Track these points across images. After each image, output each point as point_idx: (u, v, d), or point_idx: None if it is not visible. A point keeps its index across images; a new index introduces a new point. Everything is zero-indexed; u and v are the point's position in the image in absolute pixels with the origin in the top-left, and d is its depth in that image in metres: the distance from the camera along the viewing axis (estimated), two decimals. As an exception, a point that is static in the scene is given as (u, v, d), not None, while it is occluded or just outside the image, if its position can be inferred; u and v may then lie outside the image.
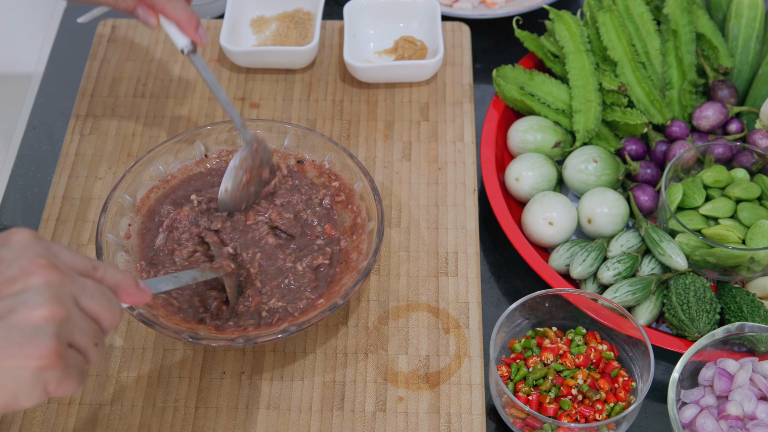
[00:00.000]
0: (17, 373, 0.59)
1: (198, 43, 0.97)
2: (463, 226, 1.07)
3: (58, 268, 0.62)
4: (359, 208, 1.00)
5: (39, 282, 0.61)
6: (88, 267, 0.66)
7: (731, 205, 1.01)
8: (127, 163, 1.13)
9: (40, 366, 0.59)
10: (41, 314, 0.59)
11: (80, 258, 0.66)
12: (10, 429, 0.91)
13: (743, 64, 1.17)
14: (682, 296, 0.97)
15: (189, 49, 0.97)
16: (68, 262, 0.65)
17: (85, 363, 0.63)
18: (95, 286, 0.65)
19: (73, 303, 0.62)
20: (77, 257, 0.66)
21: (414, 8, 1.25)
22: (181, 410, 0.93)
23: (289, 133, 1.05)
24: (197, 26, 0.97)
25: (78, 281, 0.63)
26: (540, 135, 1.13)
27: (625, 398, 0.91)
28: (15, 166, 1.17)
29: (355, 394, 0.94)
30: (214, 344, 0.87)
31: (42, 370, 0.59)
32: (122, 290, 0.68)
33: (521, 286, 1.07)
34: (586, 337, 0.96)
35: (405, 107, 1.19)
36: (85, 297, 0.63)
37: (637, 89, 1.14)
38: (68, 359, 0.60)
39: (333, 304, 0.90)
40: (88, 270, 0.66)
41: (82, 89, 1.21)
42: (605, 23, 1.16)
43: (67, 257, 0.65)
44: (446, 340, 0.98)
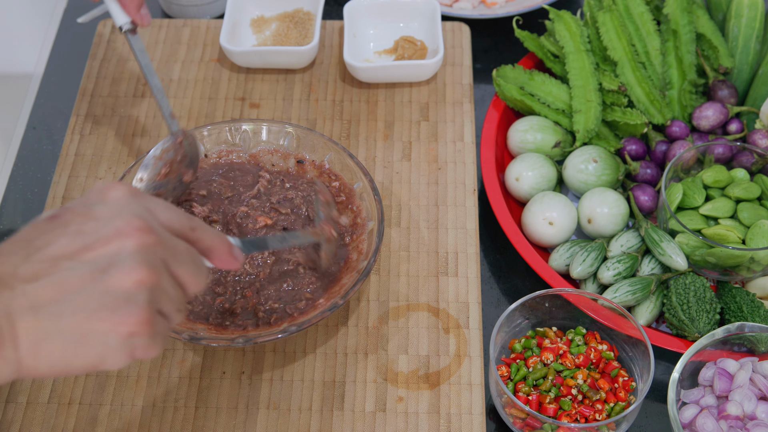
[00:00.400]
0: (107, 337, 0.58)
1: (139, 23, 0.96)
2: (463, 226, 1.07)
3: (153, 231, 0.61)
4: (359, 208, 1.00)
5: (133, 245, 0.60)
6: (185, 227, 0.65)
7: (731, 205, 1.01)
8: (127, 163, 1.13)
9: (130, 332, 0.59)
10: (134, 279, 0.59)
11: (178, 217, 0.64)
12: (10, 429, 0.91)
13: (743, 64, 1.17)
14: (682, 296, 0.97)
15: (128, 28, 0.95)
16: (165, 222, 0.63)
17: (169, 328, 0.62)
18: (187, 250, 0.63)
19: (164, 269, 0.61)
20: (175, 216, 0.64)
21: (414, 8, 1.25)
22: (181, 410, 0.93)
23: (289, 133, 1.05)
24: (140, 5, 0.95)
25: (171, 245, 0.62)
26: (540, 135, 1.13)
27: (625, 398, 0.91)
28: (15, 166, 1.17)
29: (355, 394, 0.94)
30: (214, 344, 0.87)
31: (132, 336, 0.59)
32: (216, 254, 0.67)
33: (521, 286, 1.07)
34: (586, 337, 0.96)
35: (405, 107, 1.19)
36: (176, 262, 0.62)
37: (637, 89, 1.14)
38: (156, 325, 0.60)
39: (333, 304, 0.90)
40: (185, 230, 0.65)
41: (82, 89, 1.21)
42: (605, 23, 1.16)
43: (165, 216, 0.64)
44: (446, 340, 0.98)
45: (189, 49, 1.25)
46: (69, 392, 0.94)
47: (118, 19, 0.95)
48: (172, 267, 0.62)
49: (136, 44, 0.95)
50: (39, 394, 0.94)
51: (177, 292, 0.63)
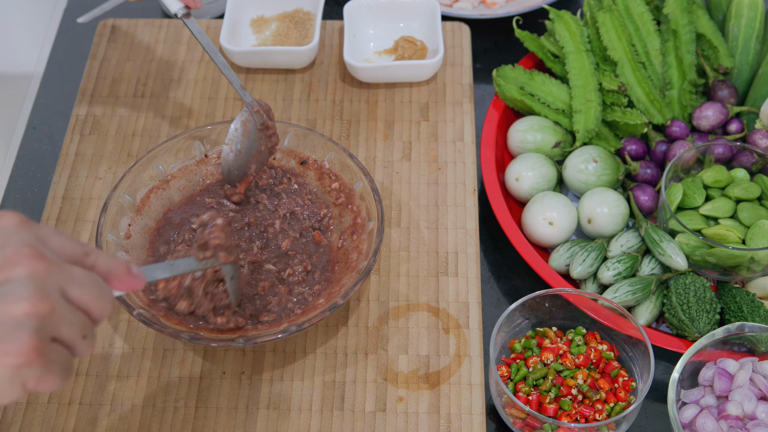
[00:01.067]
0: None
1: (192, 6, 0.97)
2: (463, 226, 1.07)
3: (44, 258, 0.59)
4: (359, 208, 1.00)
5: (22, 273, 0.58)
6: (78, 253, 0.63)
7: (731, 205, 1.02)
8: (127, 163, 1.13)
9: (18, 363, 0.56)
10: (22, 309, 0.57)
11: (70, 243, 0.63)
12: (10, 429, 0.91)
13: (743, 64, 1.17)
14: (682, 296, 0.97)
15: (183, 13, 0.96)
16: (57, 249, 0.62)
17: (70, 357, 0.60)
18: (85, 274, 0.61)
19: (59, 295, 0.59)
20: (67, 242, 0.63)
21: (414, 8, 1.25)
22: (181, 410, 0.93)
23: (290, 133, 1.05)
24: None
25: (66, 270, 0.60)
26: (540, 135, 1.13)
27: (625, 398, 0.91)
28: (15, 166, 1.17)
29: (355, 394, 0.94)
30: (214, 344, 0.87)
31: (20, 367, 0.57)
32: (114, 277, 0.65)
33: (521, 286, 1.07)
34: (586, 337, 0.96)
35: (405, 107, 1.19)
36: (73, 287, 0.60)
37: (637, 89, 1.14)
38: (49, 355, 0.58)
39: (333, 304, 0.90)
40: (78, 256, 0.63)
41: (82, 89, 1.21)
42: (605, 23, 1.16)
43: (57, 243, 0.62)
44: (446, 340, 0.98)
45: (189, 49, 1.25)
46: (69, 392, 0.94)
47: (172, 6, 0.97)
48: (69, 292, 0.60)
49: (194, 27, 0.97)
50: (39, 394, 0.94)
51: (78, 318, 0.60)
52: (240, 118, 0.99)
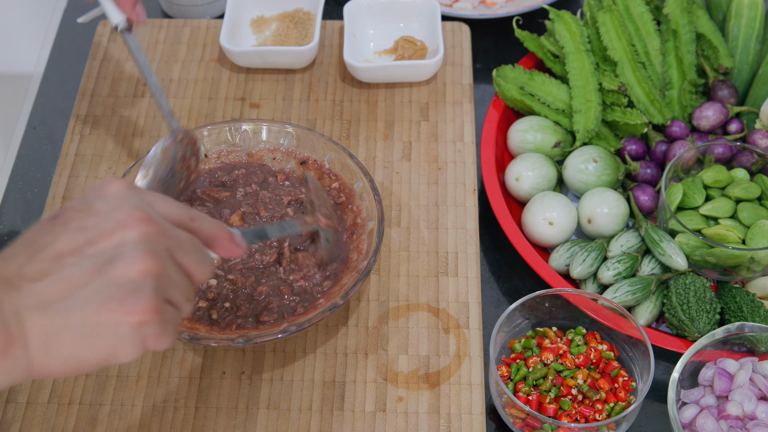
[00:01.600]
0: (118, 328, 0.58)
1: (134, 20, 0.95)
2: (463, 226, 1.07)
3: (154, 221, 0.61)
4: (359, 208, 1.00)
5: (135, 235, 0.60)
6: (184, 217, 0.65)
7: (731, 205, 1.01)
8: (127, 163, 1.13)
9: (140, 321, 0.59)
10: (139, 269, 0.59)
11: (177, 208, 0.65)
12: (10, 429, 0.91)
13: (743, 64, 1.17)
14: (682, 296, 0.97)
15: (123, 26, 0.94)
16: (164, 213, 0.64)
17: (179, 317, 0.63)
18: (190, 239, 0.64)
19: (168, 257, 0.61)
20: (173, 207, 0.65)
21: (414, 8, 1.25)
22: (181, 410, 0.93)
23: (289, 133, 1.05)
24: (134, 2, 0.95)
25: (173, 234, 0.63)
26: (540, 135, 1.13)
27: (625, 398, 0.91)
28: (15, 166, 1.17)
29: (355, 394, 0.94)
30: (214, 344, 0.87)
31: (142, 325, 0.59)
32: (217, 243, 0.67)
33: (521, 286, 1.07)
34: (586, 337, 0.96)
35: (405, 107, 1.19)
36: (179, 251, 0.62)
37: (637, 89, 1.14)
38: (165, 314, 0.60)
39: (333, 304, 0.90)
40: (184, 221, 0.65)
41: (82, 89, 1.21)
42: (605, 23, 1.16)
43: (164, 208, 0.64)
44: (446, 340, 0.98)
45: (189, 49, 1.25)
46: (69, 392, 0.94)
47: (113, 18, 0.94)
48: (176, 256, 0.62)
49: (132, 42, 0.95)
50: (39, 394, 0.94)
51: (184, 281, 0.63)
52: (161, 144, 0.95)
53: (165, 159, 0.95)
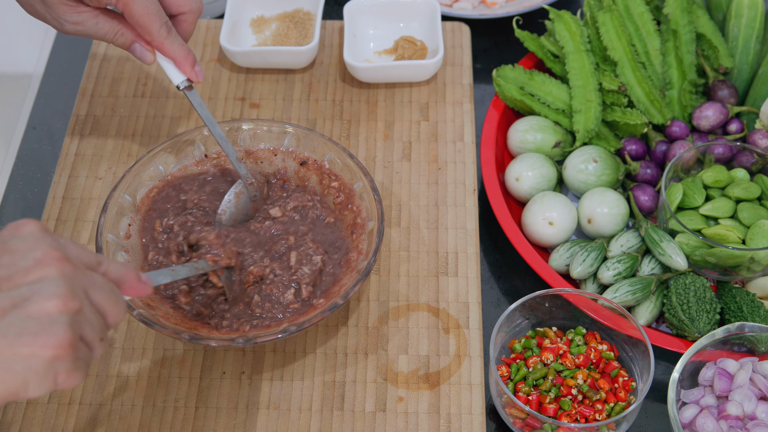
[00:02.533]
0: (31, 361, 0.59)
1: (194, 80, 0.98)
2: (463, 226, 1.07)
3: (70, 261, 0.63)
4: (359, 208, 1.00)
5: (53, 273, 0.61)
6: (93, 261, 0.67)
7: (731, 205, 1.01)
8: (127, 163, 1.13)
9: (54, 355, 0.59)
10: (56, 305, 0.60)
11: (86, 252, 0.66)
12: (10, 429, 0.91)
13: (743, 64, 1.17)
14: (682, 296, 0.97)
15: (185, 86, 0.97)
16: (75, 256, 0.65)
17: (90, 357, 0.64)
18: (103, 280, 0.65)
19: (84, 296, 0.63)
20: (83, 251, 0.66)
21: (414, 8, 1.25)
22: (181, 410, 0.93)
23: (289, 133, 1.05)
24: (194, 63, 0.97)
25: (87, 274, 0.64)
26: (540, 135, 1.13)
27: (625, 398, 0.91)
28: (15, 166, 1.17)
29: (355, 394, 0.94)
30: (214, 344, 0.87)
31: (55, 360, 0.60)
32: (125, 283, 0.69)
33: (521, 286, 1.07)
34: (586, 337, 0.96)
35: (405, 107, 1.19)
36: (94, 290, 0.64)
37: (637, 89, 1.14)
38: (79, 351, 0.61)
39: (333, 304, 0.90)
40: (93, 264, 0.67)
41: (82, 89, 1.21)
42: (605, 23, 1.16)
43: (74, 251, 0.65)
44: (446, 340, 0.98)
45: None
46: (69, 392, 0.94)
47: (174, 79, 0.97)
48: (91, 295, 0.64)
49: (194, 99, 0.98)
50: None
51: (98, 320, 0.64)
52: (234, 189, 0.99)
53: (239, 203, 0.99)
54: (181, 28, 0.98)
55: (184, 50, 0.96)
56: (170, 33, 0.94)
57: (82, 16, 0.93)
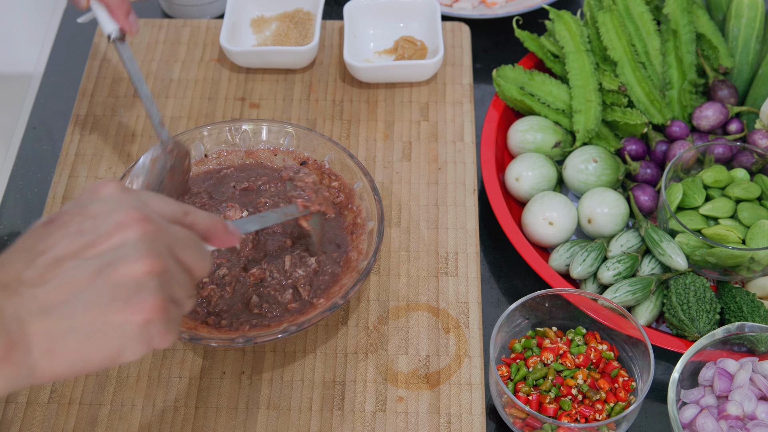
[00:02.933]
0: (124, 328, 0.59)
1: (127, 30, 0.95)
2: (463, 226, 1.07)
3: (152, 220, 0.62)
4: (359, 208, 1.00)
5: (135, 235, 0.60)
6: (178, 213, 0.65)
7: (731, 205, 1.02)
8: (127, 163, 1.13)
9: (146, 320, 0.59)
10: (142, 268, 0.59)
11: (170, 204, 0.65)
12: (10, 429, 0.91)
13: (743, 64, 1.17)
14: (682, 296, 0.97)
15: (116, 36, 0.94)
16: (159, 210, 0.64)
17: (181, 315, 0.63)
18: (188, 235, 0.64)
19: (169, 255, 0.62)
20: (167, 204, 0.65)
21: (414, 8, 1.25)
22: (181, 410, 0.93)
23: (289, 133, 1.05)
24: (128, 12, 0.94)
25: (172, 231, 0.63)
26: (540, 135, 1.13)
27: (625, 398, 0.91)
28: (15, 166, 1.17)
29: (355, 394, 0.94)
30: (214, 344, 0.87)
31: (148, 324, 0.59)
32: (212, 235, 0.67)
33: (521, 286, 1.07)
34: (586, 337, 0.96)
35: (405, 107, 1.19)
36: (179, 248, 0.63)
37: (637, 89, 1.14)
38: (170, 312, 0.61)
39: (333, 304, 0.90)
40: (179, 216, 0.65)
41: (82, 89, 1.21)
42: (605, 23, 1.16)
43: (158, 205, 0.64)
44: (446, 340, 0.98)
45: (189, 49, 1.25)
46: (69, 392, 0.94)
47: (106, 27, 0.94)
48: (176, 253, 0.63)
49: (124, 52, 0.95)
50: (39, 394, 0.94)
51: (185, 277, 0.63)
52: (150, 154, 0.94)
53: (154, 169, 0.94)
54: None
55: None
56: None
57: None
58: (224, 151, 1.05)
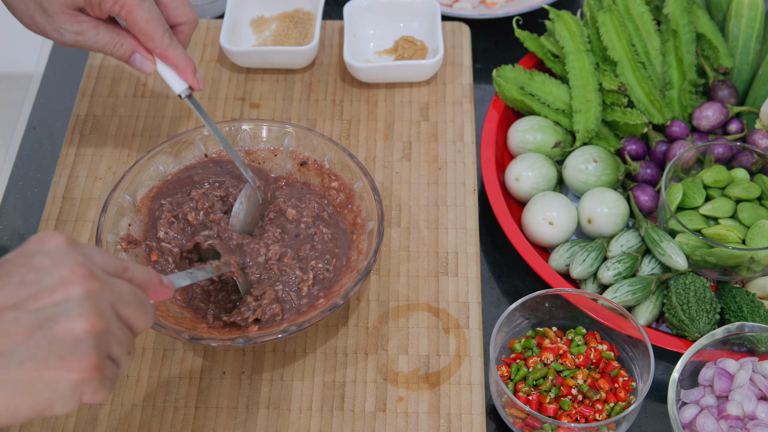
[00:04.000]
0: (57, 384, 0.59)
1: (196, 88, 0.97)
2: (463, 226, 1.07)
3: (96, 277, 0.62)
4: (359, 208, 1.00)
5: (79, 292, 0.60)
6: (118, 268, 0.66)
7: (731, 205, 1.02)
8: (127, 163, 1.13)
9: (80, 379, 0.59)
10: (82, 326, 0.59)
11: (111, 260, 0.66)
12: (10, 429, 0.91)
13: (743, 64, 1.17)
14: (682, 296, 0.97)
15: (186, 94, 0.97)
16: (102, 265, 0.64)
17: (117, 372, 0.63)
18: (130, 291, 0.65)
19: (111, 313, 0.62)
20: (108, 259, 0.65)
21: (414, 8, 1.25)
22: (181, 410, 0.93)
23: (289, 133, 1.05)
24: (195, 71, 0.96)
25: (114, 288, 0.63)
26: (540, 135, 1.13)
27: (625, 398, 0.91)
28: (15, 166, 1.17)
29: (355, 394, 0.94)
30: (214, 344, 0.87)
31: (81, 382, 0.60)
32: (148, 288, 0.68)
33: (521, 286, 1.07)
34: (586, 337, 0.96)
35: (405, 107, 1.19)
36: (121, 304, 0.63)
37: (637, 89, 1.14)
38: (105, 370, 0.61)
39: (333, 304, 0.90)
40: (119, 271, 0.66)
41: (82, 89, 1.21)
42: (605, 23, 1.16)
43: (101, 260, 0.65)
44: (446, 340, 0.98)
45: (189, 49, 1.25)
46: (69, 392, 0.94)
47: (176, 88, 0.97)
48: (119, 309, 0.63)
49: (197, 107, 0.98)
50: (39, 394, 0.94)
51: (125, 334, 0.64)
52: (245, 192, 0.99)
53: (250, 206, 0.99)
54: (179, 38, 0.97)
55: (186, 57, 0.95)
56: (173, 40, 0.94)
57: (83, 26, 0.92)
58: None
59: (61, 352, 0.59)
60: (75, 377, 0.59)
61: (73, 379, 0.59)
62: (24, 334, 0.58)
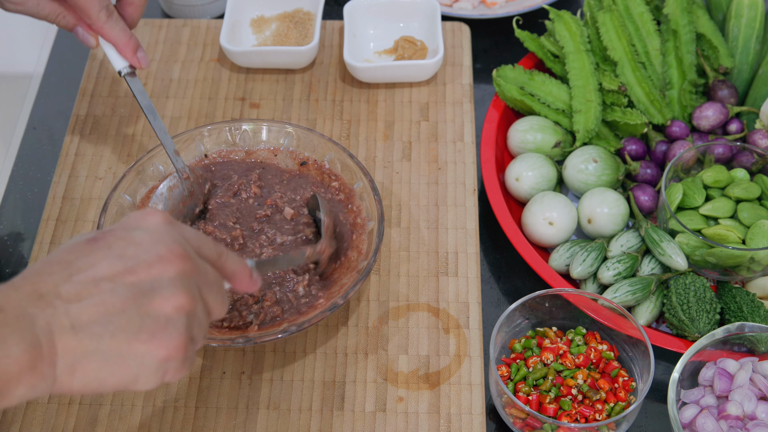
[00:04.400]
0: (144, 359, 0.60)
1: (136, 66, 0.97)
2: (463, 226, 1.07)
3: (191, 258, 0.63)
4: (359, 208, 1.00)
5: (174, 271, 0.62)
6: (213, 254, 0.67)
7: (731, 205, 1.02)
8: (127, 163, 1.13)
9: (167, 356, 0.60)
10: (174, 305, 0.60)
11: (207, 244, 0.67)
12: (10, 429, 0.91)
13: (743, 64, 1.17)
14: (682, 296, 0.97)
15: (126, 72, 0.96)
16: (197, 248, 0.65)
17: (195, 353, 0.64)
18: (216, 278, 0.66)
19: (199, 295, 0.63)
20: (204, 243, 0.66)
21: (414, 8, 1.25)
22: (181, 410, 0.93)
23: (289, 133, 1.05)
24: (136, 49, 0.96)
25: (204, 272, 0.64)
26: (540, 135, 1.13)
27: (625, 398, 0.91)
28: (15, 166, 1.17)
29: (355, 394, 0.94)
30: (214, 344, 0.87)
31: (167, 360, 0.60)
32: (237, 279, 0.69)
33: (521, 286, 1.07)
34: (586, 337, 0.96)
35: (405, 107, 1.19)
36: (206, 289, 0.64)
37: (637, 89, 1.14)
38: (189, 351, 0.62)
39: (333, 304, 0.90)
40: (213, 257, 0.67)
41: (82, 89, 1.21)
42: (605, 23, 1.16)
43: (196, 243, 0.66)
44: (446, 340, 0.98)
45: (189, 49, 1.25)
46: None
47: (116, 64, 0.96)
48: (204, 294, 0.64)
49: (135, 86, 0.97)
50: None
51: (205, 318, 0.65)
52: (168, 183, 0.97)
53: (171, 197, 0.97)
54: (127, 11, 0.96)
55: (126, 35, 0.94)
56: (111, 17, 0.93)
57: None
58: (224, 151, 1.05)
59: (152, 328, 0.60)
60: (163, 354, 0.60)
61: (160, 356, 0.60)
62: (119, 306, 0.59)
